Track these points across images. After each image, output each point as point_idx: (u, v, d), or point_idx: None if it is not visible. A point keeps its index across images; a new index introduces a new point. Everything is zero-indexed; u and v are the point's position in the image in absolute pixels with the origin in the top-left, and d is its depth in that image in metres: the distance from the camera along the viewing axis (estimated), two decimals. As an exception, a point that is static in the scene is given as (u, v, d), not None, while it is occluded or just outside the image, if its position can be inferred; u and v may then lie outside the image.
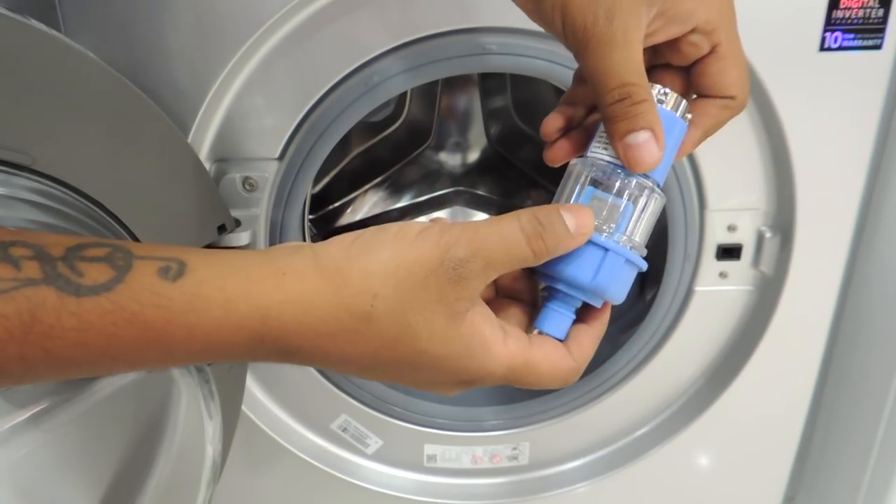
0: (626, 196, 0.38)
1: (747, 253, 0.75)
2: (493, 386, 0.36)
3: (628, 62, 0.36)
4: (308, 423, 0.83)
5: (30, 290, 0.28)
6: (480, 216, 1.08)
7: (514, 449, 0.86)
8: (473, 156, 1.07)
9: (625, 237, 0.38)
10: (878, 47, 0.64)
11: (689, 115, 0.39)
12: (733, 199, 0.72)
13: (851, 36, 0.64)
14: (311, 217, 0.97)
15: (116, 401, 0.48)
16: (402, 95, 1.01)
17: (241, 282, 0.31)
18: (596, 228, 0.37)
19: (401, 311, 0.32)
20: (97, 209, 0.49)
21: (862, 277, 0.80)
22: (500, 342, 0.35)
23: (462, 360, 0.34)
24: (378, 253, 0.33)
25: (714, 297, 0.77)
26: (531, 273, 0.39)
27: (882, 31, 0.64)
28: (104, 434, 0.52)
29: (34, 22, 0.44)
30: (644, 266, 0.39)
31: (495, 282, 0.40)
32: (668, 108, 0.38)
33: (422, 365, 0.34)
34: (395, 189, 1.06)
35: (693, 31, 0.38)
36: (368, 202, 1.06)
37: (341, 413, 0.82)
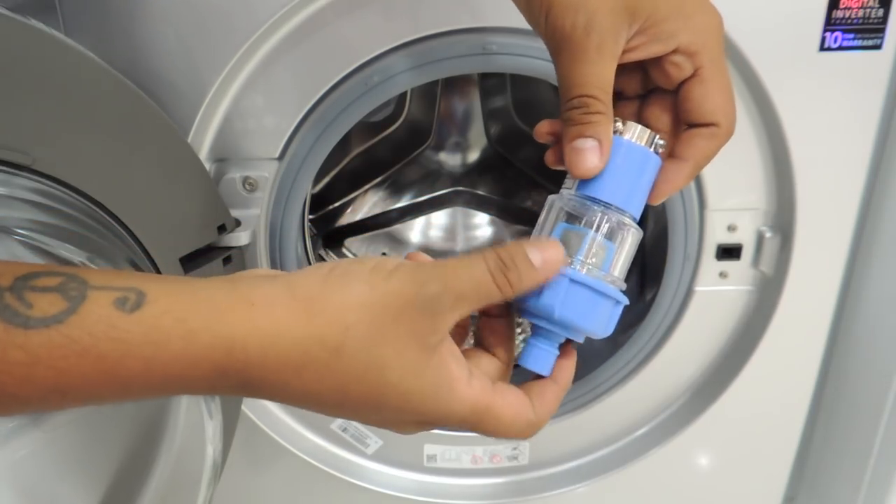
0: (598, 229, 0.38)
1: (747, 253, 0.75)
2: (451, 429, 0.36)
3: (595, 75, 0.37)
4: (308, 423, 0.83)
5: None
6: (481, 216, 1.08)
7: (514, 449, 0.86)
8: (473, 156, 1.07)
9: (598, 270, 0.38)
10: (878, 47, 0.64)
11: (661, 143, 0.40)
12: (733, 199, 0.72)
13: (851, 36, 0.64)
14: (311, 217, 0.97)
15: (116, 401, 0.48)
16: (402, 95, 1.01)
17: (206, 312, 0.30)
18: (568, 263, 0.37)
19: (373, 343, 0.32)
20: (97, 209, 0.49)
21: (862, 277, 0.80)
22: (465, 381, 0.34)
23: (428, 396, 0.33)
24: (354, 285, 0.32)
25: (714, 297, 0.77)
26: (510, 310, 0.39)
27: (882, 31, 0.64)
28: (104, 434, 0.52)
29: (34, 22, 0.44)
30: (622, 299, 0.38)
31: (477, 331, 0.40)
32: (638, 140, 0.39)
33: (387, 401, 0.33)
34: (395, 189, 1.06)
35: (675, 51, 0.38)
36: (368, 202, 1.06)
37: (341, 413, 0.82)
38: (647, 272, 0.86)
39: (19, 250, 0.43)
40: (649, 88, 0.42)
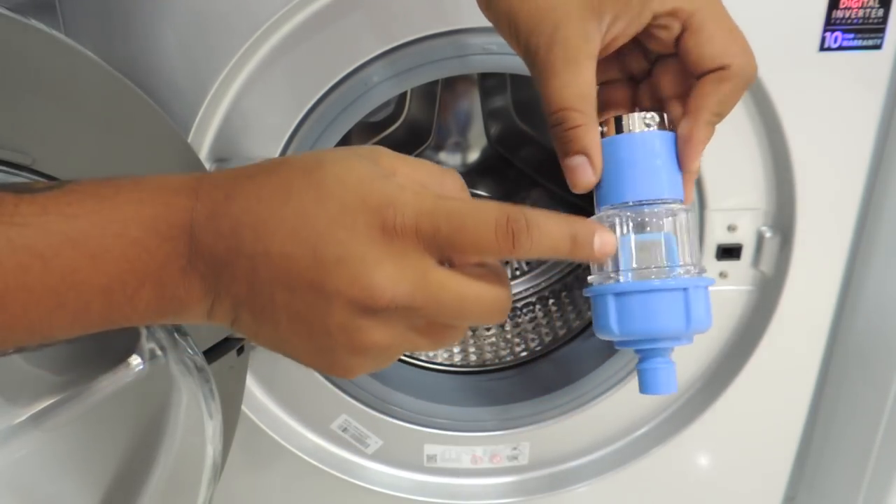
0: (632, 231, 0.37)
1: (747, 253, 0.75)
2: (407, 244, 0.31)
3: (567, 87, 0.36)
4: (308, 423, 0.83)
5: None
6: (480, 216, 1.08)
7: (514, 449, 0.86)
8: (473, 156, 1.07)
9: (656, 269, 0.37)
10: (878, 47, 0.64)
11: (655, 122, 0.38)
12: (733, 198, 0.72)
13: (851, 36, 0.64)
14: (311, 217, 0.97)
15: (116, 401, 0.48)
16: (402, 95, 1.01)
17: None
18: (656, 274, 0.36)
19: (315, 155, 0.33)
20: (97, 209, 0.49)
21: (862, 277, 0.80)
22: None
23: (367, 179, 0.31)
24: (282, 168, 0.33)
25: (714, 296, 0.77)
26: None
27: (882, 31, 0.64)
28: (104, 434, 0.52)
29: (34, 22, 0.44)
30: (684, 284, 0.37)
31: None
32: (627, 129, 0.38)
33: (327, 181, 0.31)
34: (395, 189, 1.06)
35: (654, 18, 0.38)
36: (368, 202, 1.06)
37: (341, 413, 0.82)
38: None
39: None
40: (654, 59, 0.41)
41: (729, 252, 0.75)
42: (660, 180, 0.37)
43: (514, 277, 1.06)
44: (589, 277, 0.39)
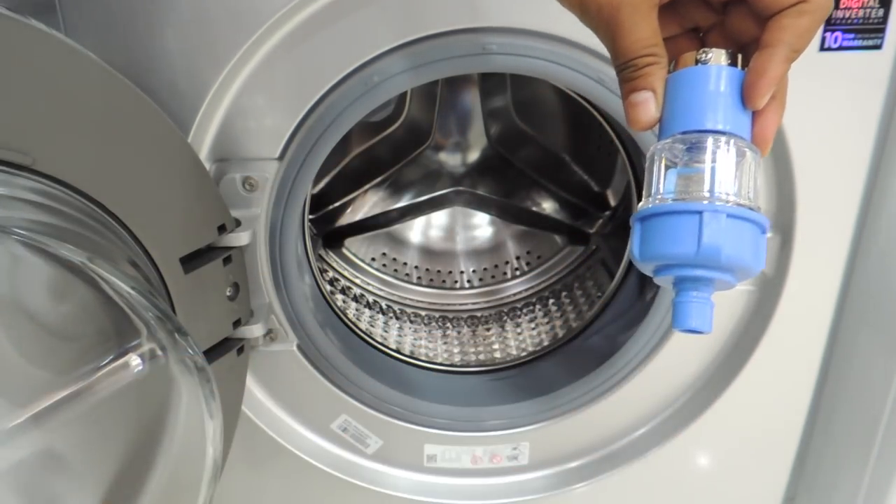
0: (708, 159, 0.36)
1: (747, 253, 0.75)
2: None
3: (636, 41, 0.37)
4: (308, 423, 0.83)
5: None
6: (480, 216, 1.08)
7: (514, 449, 0.86)
8: (473, 156, 1.07)
9: (725, 195, 0.36)
10: (878, 47, 0.64)
11: (709, 56, 0.38)
12: (733, 199, 0.72)
13: (851, 36, 0.64)
14: (311, 217, 0.97)
15: (116, 401, 0.48)
16: (402, 95, 1.01)
17: None
18: (691, 198, 0.36)
19: None
20: (97, 209, 0.49)
21: (862, 277, 0.80)
22: None
23: None
24: None
25: (714, 297, 0.77)
26: None
27: (882, 31, 0.64)
28: (104, 434, 0.52)
29: (34, 22, 0.44)
30: (763, 220, 0.36)
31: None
32: (685, 63, 0.38)
33: None
34: (395, 189, 1.06)
35: None
36: (368, 202, 1.06)
37: (341, 413, 0.82)
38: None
39: (19, 250, 0.43)
40: (720, 7, 0.41)
41: (729, 252, 0.75)
42: (713, 111, 0.37)
43: (514, 277, 1.06)
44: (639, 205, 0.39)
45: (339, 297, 0.98)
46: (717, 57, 0.37)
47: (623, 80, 0.39)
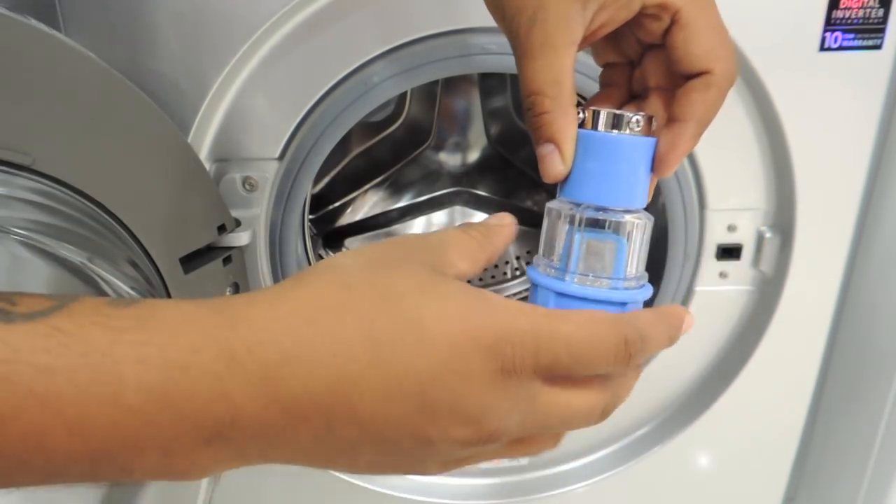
0: (584, 235, 0.36)
1: (747, 253, 0.75)
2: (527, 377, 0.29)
3: (541, 71, 0.36)
4: (308, 423, 0.83)
5: None
6: (480, 216, 1.08)
7: (514, 449, 0.86)
8: (473, 156, 1.06)
9: (600, 275, 0.36)
10: (878, 47, 0.64)
11: (638, 118, 0.36)
12: (733, 199, 0.72)
13: (851, 36, 0.64)
14: (311, 217, 0.97)
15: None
16: (402, 95, 1.01)
17: (205, 304, 0.27)
18: (599, 284, 0.36)
19: (378, 270, 0.29)
20: (97, 209, 0.49)
21: (862, 277, 0.80)
22: (498, 298, 0.29)
23: (465, 311, 0.28)
24: (336, 260, 0.29)
25: (714, 297, 0.77)
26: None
27: (882, 31, 0.64)
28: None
29: (34, 22, 0.44)
30: (621, 298, 0.35)
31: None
32: (606, 128, 0.36)
33: (425, 327, 0.27)
34: (395, 189, 1.06)
35: (644, 7, 0.37)
36: (368, 202, 1.06)
37: (341, 413, 0.82)
38: (646, 272, 0.86)
39: (19, 250, 0.43)
40: (645, 47, 0.40)
41: (729, 252, 0.75)
42: (628, 190, 0.36)
43: (514, 278, 1.06)
44: (535, 257, 0.38)
45: (339, 297, 0.98)
46: (635, 125, 0.35)
47: (527, 122, 0.37)
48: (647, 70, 0.40)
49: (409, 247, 0.31)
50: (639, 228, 0.36)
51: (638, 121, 0.35)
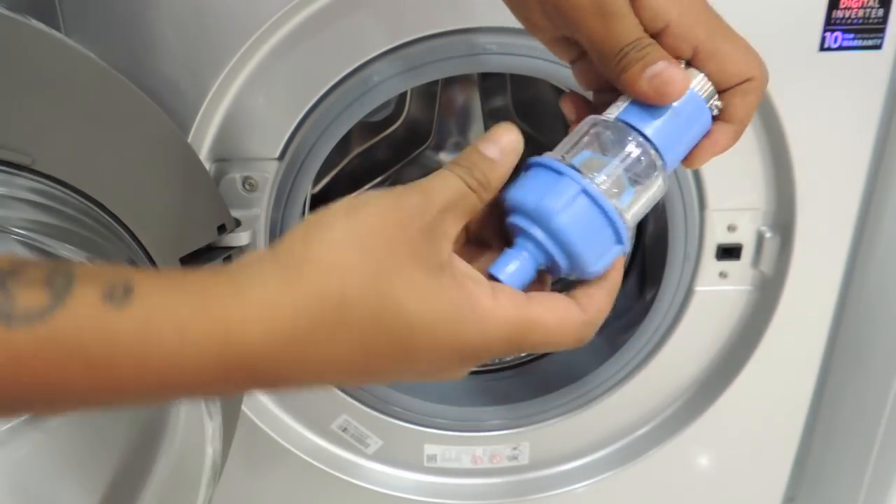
0: (627, 160, 0.36)
1: (747, 253, 0.75)
2: (502, 357, 0.35)
3: (631, 25, 0.36)
4: (308, 423, 0.83)
5: None
6: (480, 216, 1.08)
7: (514, 449, 0.86)
8: (473, 156, 1.06)
9: (607, 181, 0.35)
10: (878, 47, 0.64)
11: (718, 104, 0.38)
12: (733, 199, 0.72)
13: (851, 36, 0.64)
14: (311, 217, 0.97)
15: (116, 401, 0.48)
16: (402, 95, 1.01)
17: (197, 305, 0.28)
18: (587, 177, 0.35)
19: (375, 278, 0.29)
20: (97, 209, 0.49)
21: (862, 277, 0.80)
22: (489, 298, 0.32)
23: (454, 321, 0.30)
24: (335, 226, 0.30)
25: (714, 297, 0.77)
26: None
27: (882, 31, 0.64)
28: (104, 434, 0.52)
29: (34, 22, 0.44)
30: (624, 238, 0.35)
31: (465, 230, 0.38)
32: (700, 91, 0.37)
33: (415, 342, 0.30)
34: (395, 189, 1.06)
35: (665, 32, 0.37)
36: (368, 202, 1.06)
37: (341, 413, 0.82)
38: (647, 272, 0.86)
39: (19, 250, 0.43)
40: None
41: (729, 252, 0.75)
42: (678, 146, 0.38)
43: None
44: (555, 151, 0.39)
45: (339, 297, 0.98)
46: (712, 96, 0.38)
47: (626, 65, 0.36)
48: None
49: (406, 228, 0.31)
50: (661, 184, 0.37)
51: (720, 105, 0.38)
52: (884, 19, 0.63)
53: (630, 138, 0.37)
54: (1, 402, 0.26)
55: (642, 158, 0.37)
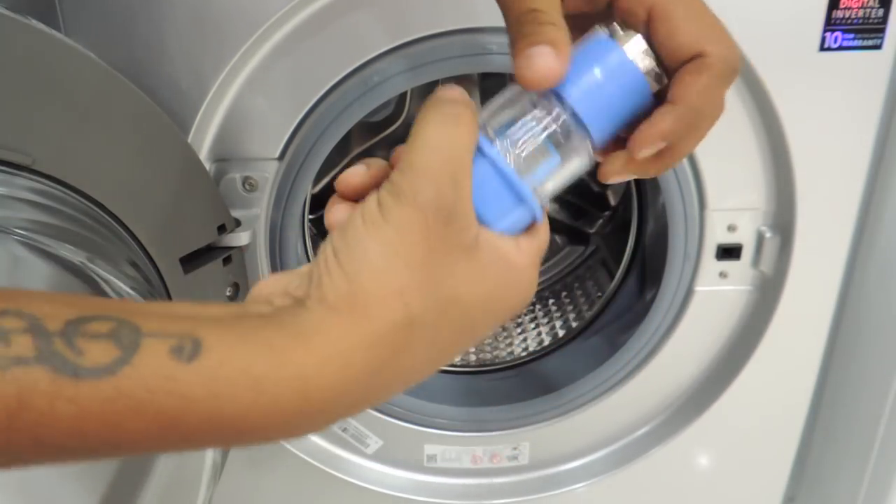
0: (541, 122, 0.34)
1: (747, 253, 0.75)
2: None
3: None
4: (308, 423, 0.83)
5: (19, 371, 0.24)
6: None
7: (514, 449, 0.86)
8: (473, 156, 1.06)
9: (524, 167, 0.34)
10: (878, 47, 0.64)
11: (660, 74, 0.34)
12: (733, 199, 0.72)
13: (851, 36, 0.64)
14: (311, 217, 0.97)
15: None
16: (402, 95, 1.01)
17: (267, 356, 0.28)
18: (516, 164, 0.33)
19: (430, 288, 0.30)
20: (97, 209, 0.49)
21: (862, 277, 0.80)
22: (517, 252, 0.33)
23: (504, 289, 0.32)
24: (370, 252, 0.29)
25: (714, 297, 0.77)
26: None
27: (882, 31, 0.64)
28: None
29: (34, 22, 0.44)
30: (528, 200, 0.33)
31: None
32: (633, 58, 0.33)
33: (477, 320, 0.32)
34: (395, 189, 1.06)
35: (615, 1, 0.35)
36: (368, 202, 1.06)
37: (341, 413, 0.82)
38: (647, 272, 0.86)
39: (19, 250, 0.43)
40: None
41: (729, 252, 0.75)
42: (606, 116, 0.34)
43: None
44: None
45: (339, 297, 0.98)
46: (647, 62, 0.34)
47: (518, 35, 0.34)
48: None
49: (430, 223, 0.30)
50: (582, 156, 0.35)
51: (660, 74, 0.34)
52: (884, 19, 0.63)
53: (547, 101, 0.34)
54: (65, 450, 0.26)
55: (558, 122, 0.34)
